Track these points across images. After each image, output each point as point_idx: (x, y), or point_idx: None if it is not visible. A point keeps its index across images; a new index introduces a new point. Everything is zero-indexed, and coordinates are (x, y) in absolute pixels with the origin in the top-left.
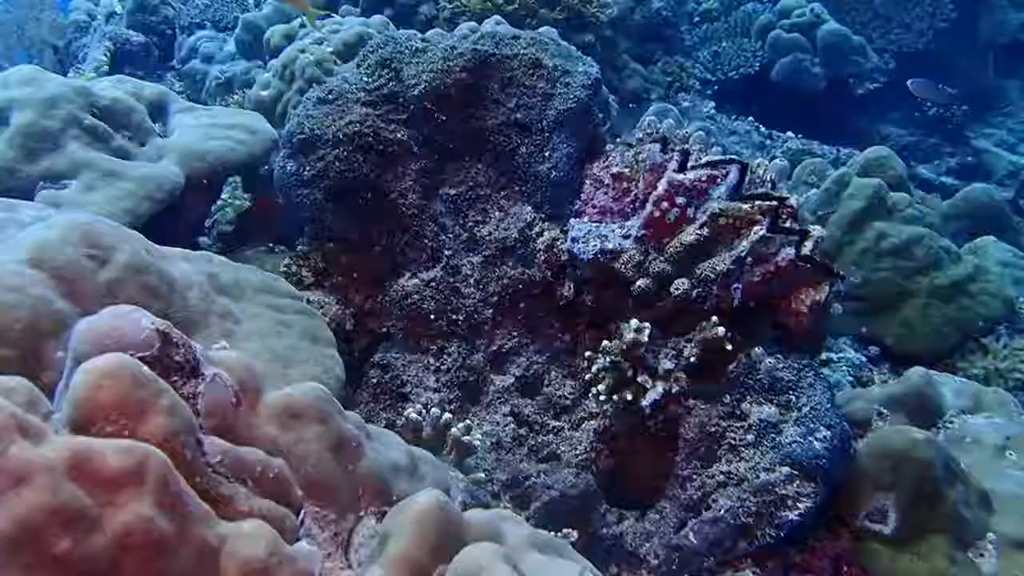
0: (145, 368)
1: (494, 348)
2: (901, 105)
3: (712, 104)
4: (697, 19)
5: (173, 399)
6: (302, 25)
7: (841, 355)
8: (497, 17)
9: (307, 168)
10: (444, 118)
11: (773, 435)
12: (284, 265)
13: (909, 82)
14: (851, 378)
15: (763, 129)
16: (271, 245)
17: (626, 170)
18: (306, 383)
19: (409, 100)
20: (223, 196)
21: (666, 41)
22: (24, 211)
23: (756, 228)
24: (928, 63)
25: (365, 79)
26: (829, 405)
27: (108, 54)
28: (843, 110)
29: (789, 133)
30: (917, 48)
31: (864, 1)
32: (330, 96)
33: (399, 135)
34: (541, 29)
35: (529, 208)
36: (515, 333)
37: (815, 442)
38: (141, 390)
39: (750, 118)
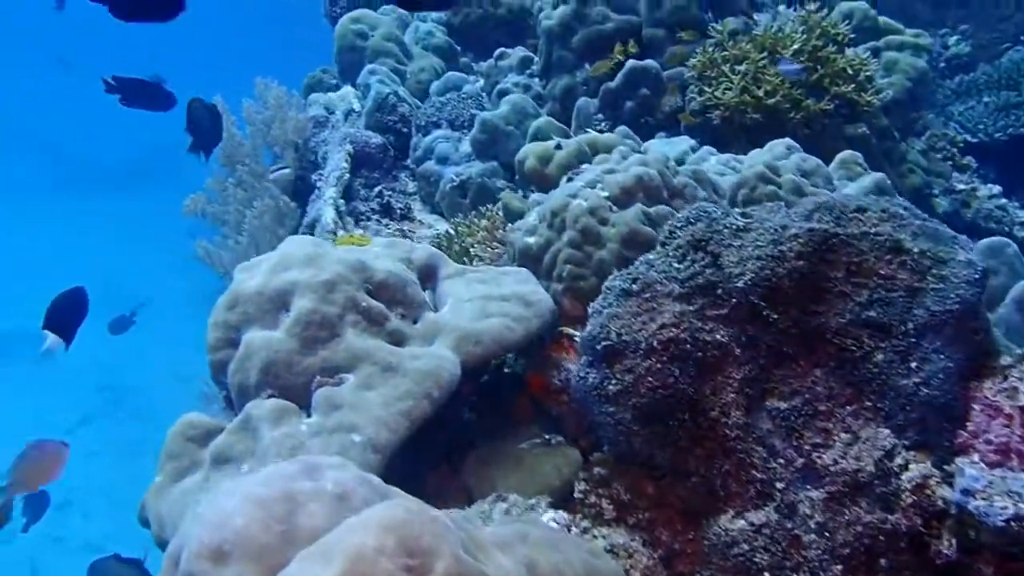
0: None
1: None
2: None
3: (998, 189)
4: (943, 65)
5: None
6: (557, 147)
7: None
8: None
9: (612, 382)
10: (775, 316)
11: None
12: (579, 492)
13: None
14: None
15: None
16: (547, 437)
17: None
18: None
19: (731, 293)
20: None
21: (917, 100)
22: (300, 425)
23: None
24: None
25: (675, 265)
26: None
27: (348, 159)
28: None
29: None
30: None
31: None
32: (635, 287)
33: (719, 336)
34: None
35: (887, 432)
36: None
37: None
38: None
39: None
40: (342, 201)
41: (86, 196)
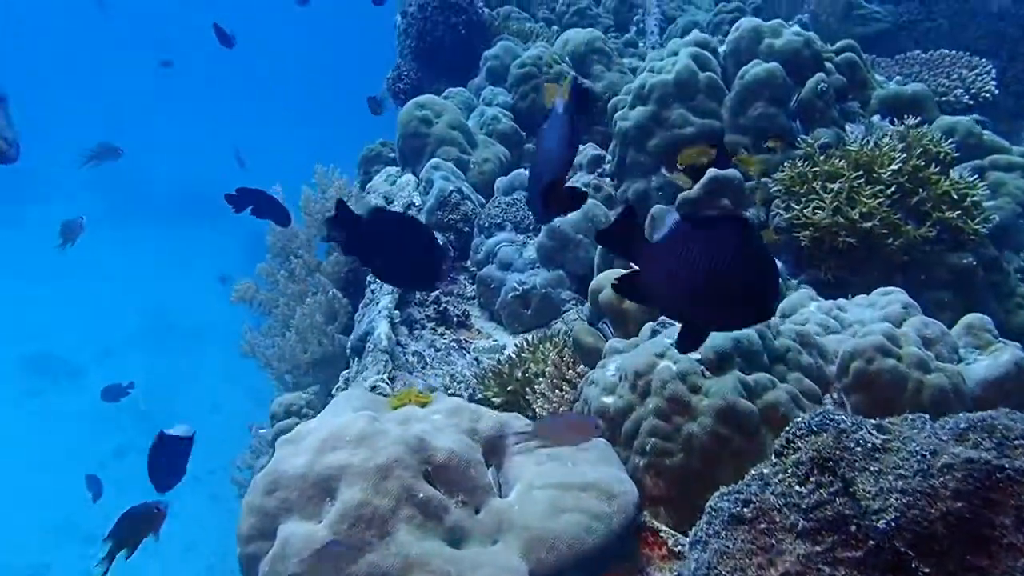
0: None
1: None
2: None
3: None
4: None
5: None
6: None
7: None
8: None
9: None
10: (925, 570)
11: None
12: None
13: None
14: None
15: None
16: None
17: None
18: None
19: (868, 532)
20: None
21: None
22: None
23: None
24: None
25: (797, 488)
26: None
27: None
28: None
29: None
30: None
31: None
32: (747, 512)
33: None
34: None
35: None
36: None
37: None
38: None
39: None
40: (396, 312)
41: (135, 225)
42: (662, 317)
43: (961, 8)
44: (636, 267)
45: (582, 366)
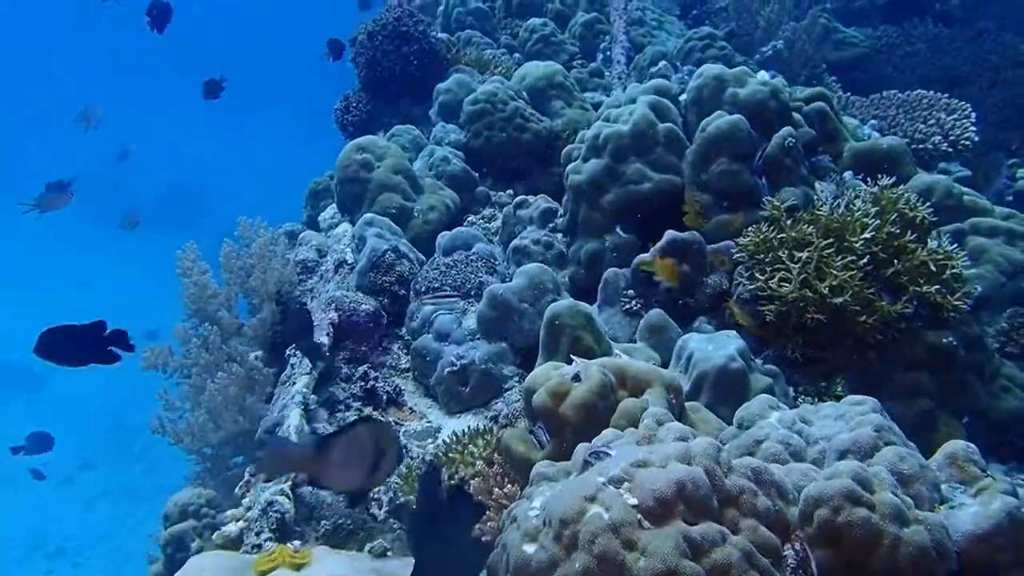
0: None
1: None
2: None
3: None
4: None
5: None
6: (576, 378)
7: None
8: None
9: None
10: None
11: None
12: None
13: None
14: None
15: None
16: None
17: None
18: None
19: None
20: None
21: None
22: None
23: None
24: None
25: None
26: None
27: (331, 332)
28: None
29: None
30: None
31: None
32: None
33: None
34: None
35: None
36: None
37: None
38: None
39: None
40: (314, 397)
41: (108, 233)
42: (598, 440)
43: (939, 33)
44: (579, 360)
45: (510, 486)
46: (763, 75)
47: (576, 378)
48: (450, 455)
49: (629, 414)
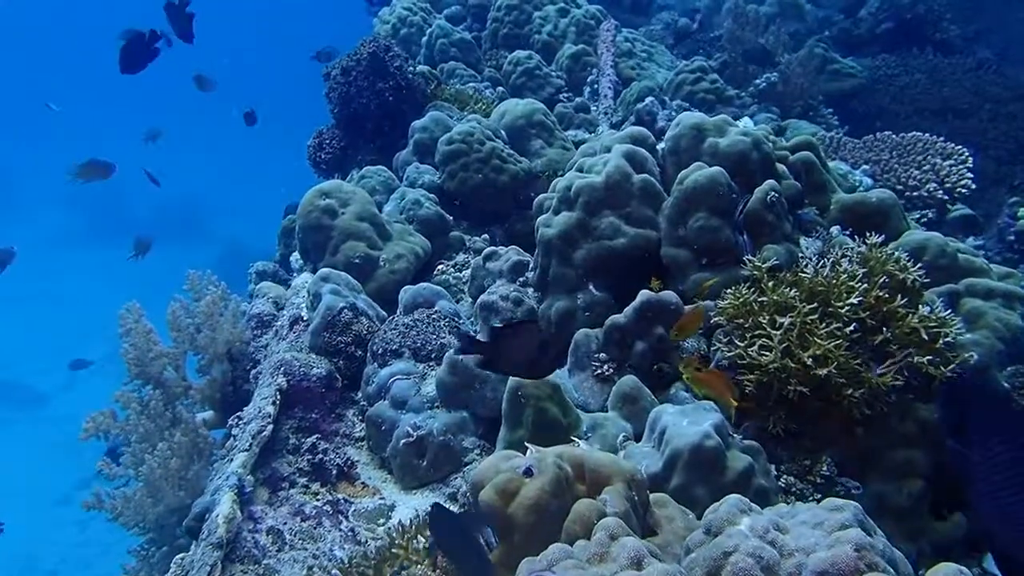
0: None
1: None
2: None
3: None
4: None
5: None
6: (527, 472)
7: None
8: None
9: None
10: None
11: None
12: None
13: None
14: None
15: None
16: None
17: None
18: None
19: None
20: None
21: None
22: None
23: None
24: None
25: None
26: None
27: (277, 400)
28: None
29: None
30: None
31: None
32: None
33: None
34: None
35: None
36: None
37: None
38: None
39: None
40: (250, 478)
41: (104, 248)
42: (544, 558)
43: (939, 63)
44: (533, 448)
45: None
46: (746, 123)
47: (528, 472)
48: (394, 549)
49: (584, 519)
